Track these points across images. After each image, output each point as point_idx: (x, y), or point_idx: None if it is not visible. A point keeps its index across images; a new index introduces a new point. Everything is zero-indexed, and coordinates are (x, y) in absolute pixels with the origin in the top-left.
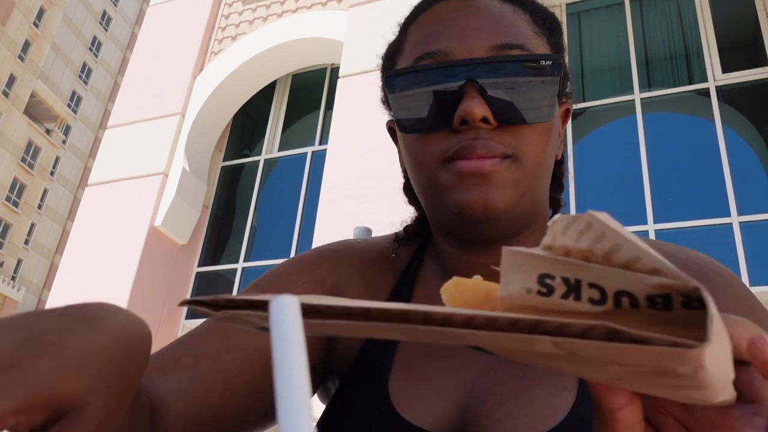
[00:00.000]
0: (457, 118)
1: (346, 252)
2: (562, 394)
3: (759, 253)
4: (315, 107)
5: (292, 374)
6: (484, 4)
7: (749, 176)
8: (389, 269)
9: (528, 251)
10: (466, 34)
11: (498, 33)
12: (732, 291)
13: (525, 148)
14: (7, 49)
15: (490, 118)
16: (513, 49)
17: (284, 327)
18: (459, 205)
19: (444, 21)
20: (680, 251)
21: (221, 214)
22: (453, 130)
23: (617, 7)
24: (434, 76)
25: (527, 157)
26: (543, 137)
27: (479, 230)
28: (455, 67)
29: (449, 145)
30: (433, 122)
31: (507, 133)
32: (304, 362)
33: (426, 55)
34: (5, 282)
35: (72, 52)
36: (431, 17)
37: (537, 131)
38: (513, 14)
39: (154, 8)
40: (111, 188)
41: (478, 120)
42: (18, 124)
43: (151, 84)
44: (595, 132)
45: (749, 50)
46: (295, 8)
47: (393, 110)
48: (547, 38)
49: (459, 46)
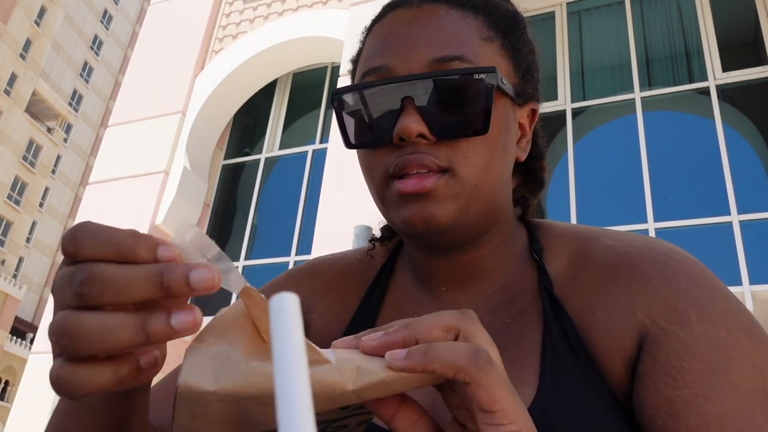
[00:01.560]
0: (395, 135)
1: (311, 271)
2: (521, 389)
3: (759, 252)
4: (316, 106)
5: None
6: (430, 12)
7: (749, 175)
8: (361, 277)
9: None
10: (406, 49)
11: (437, 45)
12: (686, 273)
13: (463, 161)
14: (9, 48)
15: (427, 134)
16: (452, 62)
17: (284, 324)
18: (402, 221)
19: (389, 35)
20: (638, 239)
21: (222, 213)
22: (394, 146)
23: (617, 6)
24: (375, 93)
25: (465, 171)
26: (484, 150)
27: (428, 243)
28: (392, 84)
29: (391, 161)
30: (375, 138)
31: (445, 147)
32: (303, 359)
33: (370, 71)
34: (7, 280)
35: (73, 50)
36: (380, 29)
37: (476, 144)
38: (458, 21)
39: (155, 7)
40: (112, 186)
41: (414, 136)
42: (19, 123)
43: (152, 82)
44: (596, 131)
45: (749, 49)
46: (296, 7)
47: (339, 126)
48: (501, 41)
49: (399, 61)
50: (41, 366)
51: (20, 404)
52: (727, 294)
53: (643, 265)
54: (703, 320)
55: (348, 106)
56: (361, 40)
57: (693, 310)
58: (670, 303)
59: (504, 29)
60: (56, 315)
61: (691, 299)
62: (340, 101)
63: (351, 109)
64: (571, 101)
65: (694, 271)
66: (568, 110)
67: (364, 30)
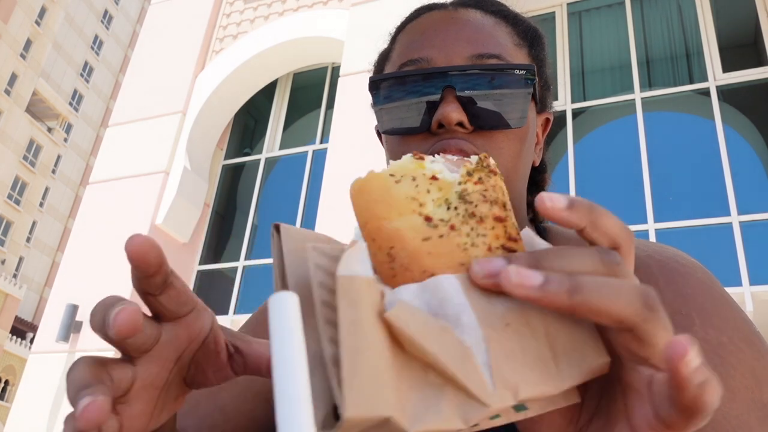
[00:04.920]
0: (434, 122)
1: None
2: None
3: (759, 253)
4: (316, 106)
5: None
6: (467, 15)
7: (749, 175)
8: None
9: None
10: (446, 44)
11: (477, 43)
12: (694, 279)
13: (497, 152)
14: (9, 48)
15: (466, 123)
16: (490, 59)
17: (283, 323)
18: None
19: (427, 31)
20: (646, 243)
21: (222, 213)
22: (431, 133)
23: (618, 7)
24: (415, 81)
25: (499, 161)
26: (516, 143)
27: None
28: (434, 74)
29: (427, 146)
30: (412, 125)
31: (481, 137)
32: (303, 357)
33: (409, 62)
34: (7, 279)
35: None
36: (416, 27)
37: (510, 137)
38: (494, 26)
39: (155, 6)
40: (112, 186)
41: (454, 124)
42: (20, 122)
43: (152, 82)
44: (596, 131)
45: (749, 50)
46: (296, 7)
47: (376, 113)
48: (528, 50)
49: (439, 54)
50: (41, 365)
51: (20, 404)
52: (732, 303)
53: (651, 267)
54: (705, 326)
55: (385, 93)
56: (390, 38)
57: (696, 315)
58: (674, 306)
59: (530, 40)
60: None
61: (696, 304)
62: (378, 89)
63: (388, 97)
64: (572, 101)
65: (701, 277)
66: (569, 110)
67: (392, 30)
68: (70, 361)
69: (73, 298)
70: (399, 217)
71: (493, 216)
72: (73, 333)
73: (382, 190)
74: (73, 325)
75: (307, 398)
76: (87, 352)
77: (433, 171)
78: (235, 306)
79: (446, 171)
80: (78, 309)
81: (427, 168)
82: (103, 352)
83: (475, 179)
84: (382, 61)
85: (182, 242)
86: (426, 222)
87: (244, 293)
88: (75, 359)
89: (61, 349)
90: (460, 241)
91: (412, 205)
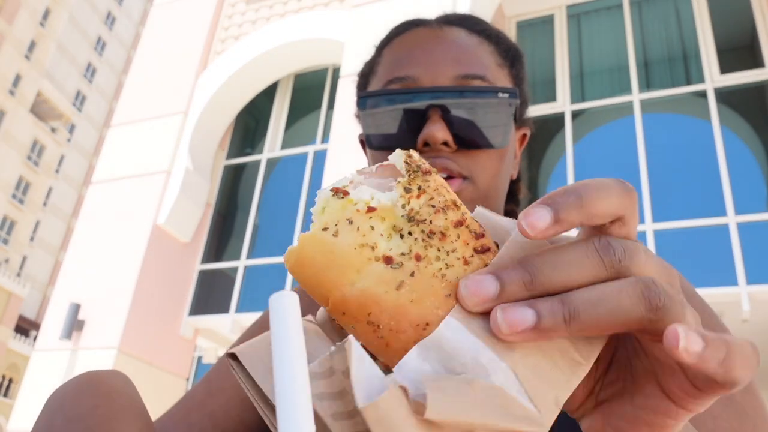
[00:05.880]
0: (420, 140)
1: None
2: None
3: (755, 253)
4: (317, 107)
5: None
6: (452, 34)
7: (746, 176)
8: None
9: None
10: (432, 63)
11: (462, 63)
12: (686, 283)
13: (480, 170)
14: (14, 49)
15: (450, 142)
16: (475, 80)
17: (283, 322)
18: None
19: (414, 48)
20: None
21: (224, 212)
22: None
23: (616, 9)
24: (402, 99)
25: (482, 179)
26: (497, 162)
27: None
28: (421, 93)
29: None
30: (397, 141)
31: (464, 156)
32: (303, 357)
33: (395, 80)
34: (11, 278)
35: (77, 51)
36: (403, 43)
37: (492, 156)
38: (478, 46)
39: (158, 8)
40: (115, 186)
41: (439, 143)
42: (23, 123)
43: (154, 83)
44: (594, 132)
45: (746, 52)
46: (297, 9)
47: (362, 127)
48: (509, 69)
49: (426, 73)
50: (44, 363)
51: (23, 401)
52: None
53: None
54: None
55: (372, 109)
56: (376, 50)
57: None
58: None
59: (511, 59)
60: None
61: (695, 304)
62: (365, 104)
63: (374, 112)
64: (570, 103)
65: (687, 284)
66: (567, 112)
67: (377, 43)
68: (73, 358)
69: (75, 296)
70: (358, 274)
71: (453, 224)
72: (76, 331)
73: (324, 254)
74: (75, 324)
75: (307, 398)
76: (89, 350)
77: (365, 201)
78: (237, 305)
79: (377, 193)
80: (80, 307)
81: (357, 200)
82: (103, 351)
83: (415, 193)
84: (367, 73)
85: (184, 242)
86: (387, 265)
87: (245, 292)
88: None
89: (63, 346)
90: (433, 269)
91: (365, 254)
